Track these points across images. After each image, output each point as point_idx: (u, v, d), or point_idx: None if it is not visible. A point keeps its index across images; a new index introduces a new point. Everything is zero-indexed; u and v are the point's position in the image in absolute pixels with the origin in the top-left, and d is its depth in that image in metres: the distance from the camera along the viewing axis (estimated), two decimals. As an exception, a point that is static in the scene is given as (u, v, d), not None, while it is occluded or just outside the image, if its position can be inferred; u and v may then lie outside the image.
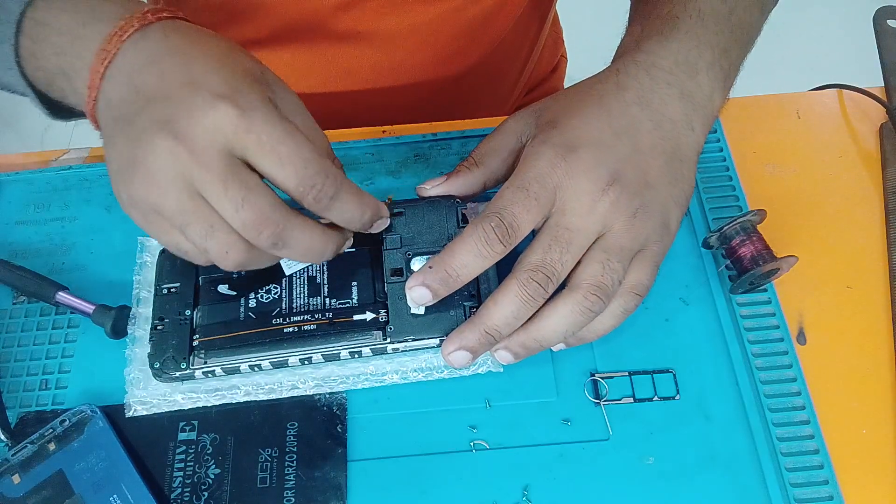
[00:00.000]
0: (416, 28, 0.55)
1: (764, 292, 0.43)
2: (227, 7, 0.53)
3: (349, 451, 0.40)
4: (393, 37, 0.55)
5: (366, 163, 0.50)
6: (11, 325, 0.44)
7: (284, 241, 0.33)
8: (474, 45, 0.59)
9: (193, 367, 0.40)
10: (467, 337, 0.37)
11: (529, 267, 0.36)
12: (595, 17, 0.64)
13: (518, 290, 0.36)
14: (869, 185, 0.48)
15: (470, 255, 0.36)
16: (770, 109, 0.52)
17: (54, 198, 0.49)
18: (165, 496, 0.38)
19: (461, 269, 0.36)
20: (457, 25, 0.56)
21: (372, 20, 0.54)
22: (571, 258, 0.36)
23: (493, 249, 0.36)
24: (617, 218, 0.36)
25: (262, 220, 0.31)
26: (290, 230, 0.32)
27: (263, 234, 0.32)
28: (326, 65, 0.57)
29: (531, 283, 0.35)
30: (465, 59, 0.59)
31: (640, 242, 0.37)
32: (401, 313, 0.39)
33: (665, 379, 0.41)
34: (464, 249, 0.36)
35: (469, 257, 0.36)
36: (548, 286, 0.36)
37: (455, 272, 0.36)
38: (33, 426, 0.40)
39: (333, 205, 0.33)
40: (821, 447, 0.39)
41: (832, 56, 1.52)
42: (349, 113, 0.58)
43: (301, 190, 0.32)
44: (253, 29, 0.55)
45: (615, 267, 0.36)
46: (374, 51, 0.56)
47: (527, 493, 0.38)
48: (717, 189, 0.48)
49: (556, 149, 0.37)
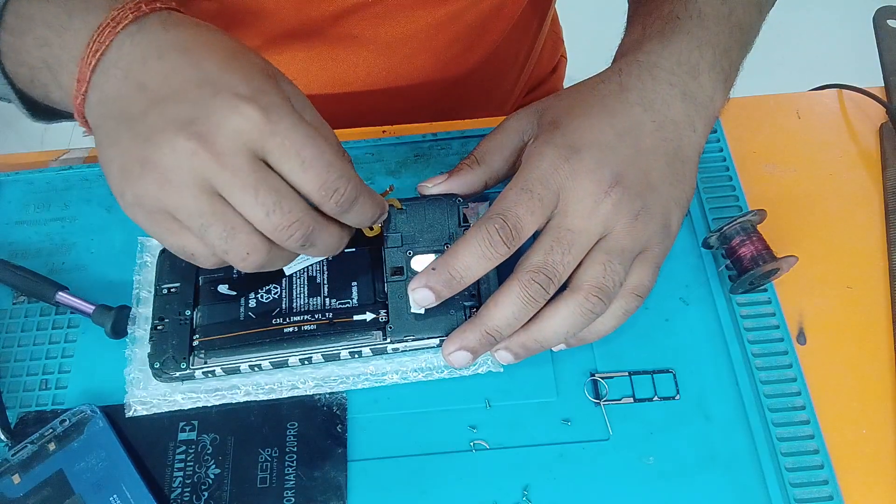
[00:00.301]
0: (414, 34, 0.55)
1: (764, 292, 0.43)
2: (226, 14, 0.53)
3: (349, 451, 0.40)
4: (391, 42, 0.55)
5: (366, 163, 0.50)
6: (11, 325, 0.44)
7: (312, 242, 0.33)
8: (472, 50, 0.59)
9: (193, 367, 0.40)
10: (468, 337, 0.37)
11: (531, 268, 0.36)
12: (595, 17, 0.64)
13: (519, 291, 0.36)
14: (869, 185, 0.48)
15: (473, 256, 0.36)
16: (770, 109, 0.52)
17: (54, 198, 0.49)
18: (165, 496, 0.38)
19: (465, 272, 0.36)
20: (454, 30, 0.56)
21: (370, 26, 0.54)
22: (573, 259, 0.36)
23: (497, 251, 0.36)
24: (619, 220, 0.36)
25: (293, 223, 0.31)
26: (318, 231, 0.33)
27: (294, 235, 0.31)
28: (324, 70, 0.56)
29: (532, 284, 0.36)
30: (463, 63, 0.59)
31: (642, 244, 0.37)
32: (401, 313, 0.39)
33: (665, 379, 0.41)
34: (467, 251, 0.36)
35: (472, 259, 0.36)
36: (549, 287, 0.36)
37: (458, 274, 0.36)
38: (33, 426, 0.40)
39: (353, 208, 0.33)
40: (821, 447, 0.39)
41: (832, 56, 1.52)
42: (347, 117, 0.57)
43: (323, 194, 0.31)
44: (251, 35, 0.54)
45: (616, 269, 0.36)
46: (372, 56, 0.56)
47: (527, 493, 0.38)
48: (717, 189, 0.48)
49: (559, 150, 0.37)
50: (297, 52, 0.55)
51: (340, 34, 0.54)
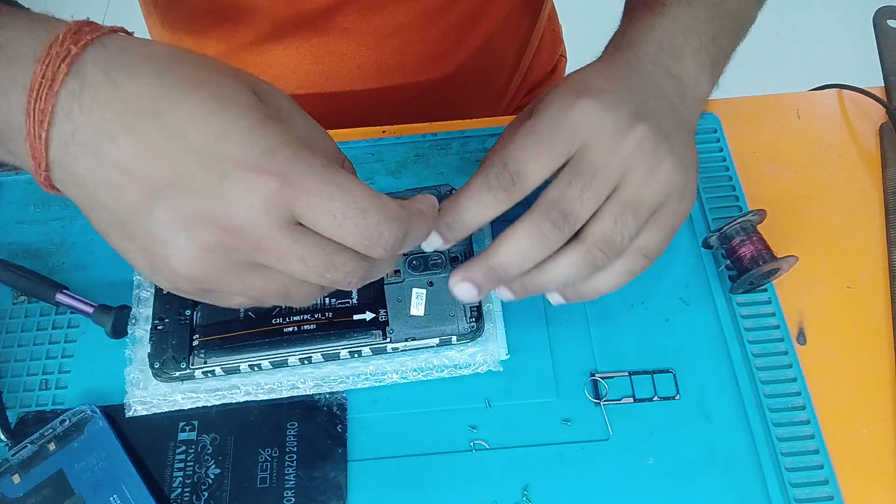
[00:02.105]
0: (405, 25, 0.55)
1: (764, 292, 0.43)
2: (218, 10, 0.53)
3: (349, 451, 0.40)
4: (381, 35, 0.55)
5: (366, 163, 0.50)
6: (11, 325, 0.44)
7: (369, 278, 0.31)
8: (463, 42, 0.59)
9: (193, 366, 0.40)
10: (473, 270, 0.34)
11: (545, 203, 0.33)
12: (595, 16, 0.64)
13: (529, 226, 0.33)
14: (869, 185, 0.48)
15: (472, 202, 0.33)
16: (770, 109, 0.52)
17: (54, 198, 0.49)
18: (165, 496, 0.38)
19: (466, 217, 0.34)
20: (445, 22, 0.56)
21: (360, 18, 0.54)
22: (592, 198, 0.33)
23: (498, 198, 0.33)
24: (642, 160, 0.33)
25: (348, 273, 0.29)
26: (374, 269, 0.30)
27: (353, 282, 0.30)
28: (316, 64, 0.57)
29: (545, 221, 0.32)
30: (453, 57, 0.59)
31: (662, 196, 0.34)
32: (399, 314, 0.39)
33: (665, 379, 0.41)
34: (466, 199, 0.33)
35: (471, 204, 0.33)
36: (563, 226, 0.33)
37: (460, 219, 0.34)
38: (33, 426, 0.40)
39: (405, 244, 0.30)
40: (821, 447, 0.39)
41: (832, 56, 1.52)
42: (339, 114, 0.58)
43: (367, 244, 0.28)
44: (242, 32, 0.55)
45: (628, 223, 0.33)
46: (363, 49, 0.56)
47: (527, 493, 0.38)
48: (717, 189, 0.48)
49: (568, 93, 0.34)
50: (289, 46, 0.55)
51: (331, 27, 0.54)
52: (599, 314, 0.43)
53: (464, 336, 0.40)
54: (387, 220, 0.28)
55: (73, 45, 0.26)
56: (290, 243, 0.27)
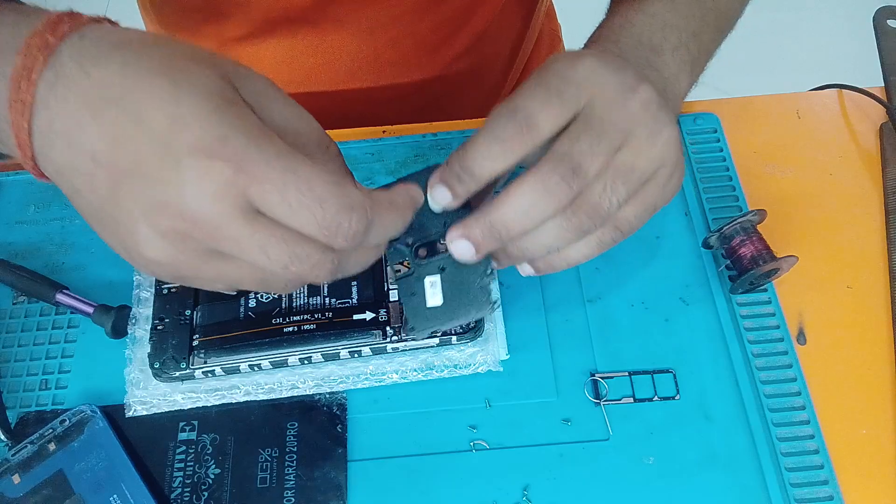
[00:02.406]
0: (398, 17, 0.55)
1: (764, 292, 0.43)
2: (208, 7, 0.53)
3: (349, 451, 0.40)
4: (374, 27, 0.55)
5: (366, 163, 0.50)
6: (11, 325, 0.44)
7: (342, 271, 0.30)
8: (456, 36, 0.59)
9: (193, 366, 0.40)
10: (471, 226, 0.32)
11: (553, 156, 0.30)
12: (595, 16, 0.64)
13: (535, 181, 0.30)
14: (869, 185, 0.48)
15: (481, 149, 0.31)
16: (770, 109, 0.52)
17: (54, 198, 0.49)
18: (165, 496, 0.38)
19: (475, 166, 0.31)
20: (438, 15, 0.56)
21: (353, 10, 0.54)
22: (602, 153, 0.31)
23: (509, 147, 0.31)
24: (647, 122, 0.32)
25: (314, 265, 0.28)
26: (344, 262, 0.29)
27: (320, 275, 0.29)
28: (309, 56, 0.57)
29: (553, 174, 0.30)
30: (447, 50, 0.59)
31: (656, 165, 0.33)
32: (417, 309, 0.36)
33: (665, 379, 0.41)
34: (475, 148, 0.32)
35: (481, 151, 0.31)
36: (572, 181, 0.30)
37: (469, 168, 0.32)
38: (33, 426, 0.40)
39: (369, 235, 0.29)
40: (821, 447, 0.39)
41: (832, 56, 1.52)
42: (332, 108, 0.58)
43: (326, 234, 0.27)
44: (235, 26, 0.55)
45: (619, 190, 0.32)
46: (356, 41, 0.56)
47: (527, 493, 0.38)
48: (717, 189, 0.48)
49: (568, 56, 0.33)
50: (282, 38, 0.55)
51: (324, 19, 0.54)
52: (599, 314, 0.43)
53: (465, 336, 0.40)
54: (346, 208, 0.27)
55: (50, 36, 0.26)
56: (250, 232, 0.26)
